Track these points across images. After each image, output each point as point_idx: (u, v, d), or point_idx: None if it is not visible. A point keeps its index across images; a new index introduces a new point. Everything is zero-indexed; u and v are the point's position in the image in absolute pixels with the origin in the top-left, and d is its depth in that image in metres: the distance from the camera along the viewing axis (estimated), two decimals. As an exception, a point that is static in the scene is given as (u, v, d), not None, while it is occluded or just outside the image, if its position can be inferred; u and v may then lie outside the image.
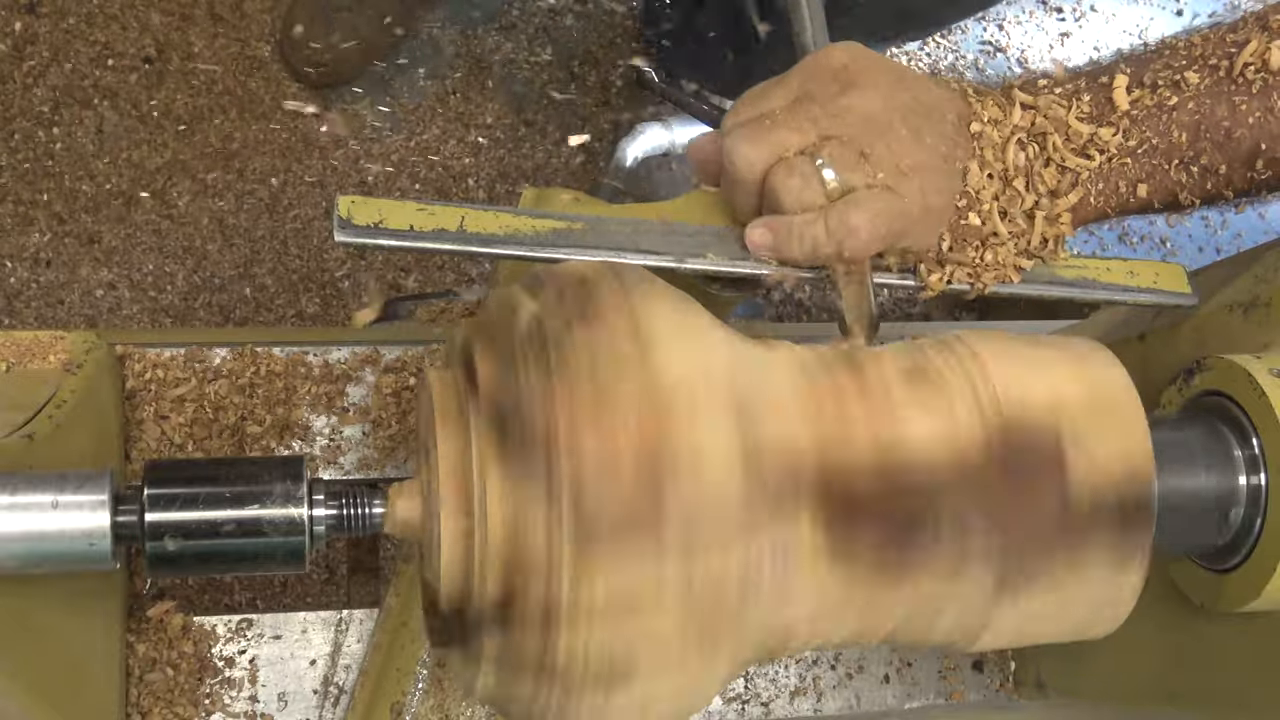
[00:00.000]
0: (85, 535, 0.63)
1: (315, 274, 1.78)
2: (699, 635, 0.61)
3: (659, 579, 0.59)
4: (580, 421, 0.60)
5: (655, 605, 0.60)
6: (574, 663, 0.60)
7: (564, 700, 0.61)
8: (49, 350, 0.83)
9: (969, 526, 0.66)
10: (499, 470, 0.61)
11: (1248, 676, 0.79)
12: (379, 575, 1.02)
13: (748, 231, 0.78)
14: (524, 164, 1.89)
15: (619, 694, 0.61)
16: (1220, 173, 0.81)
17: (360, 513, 0.67)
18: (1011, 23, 2.12)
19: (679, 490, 0.60)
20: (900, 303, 1.90)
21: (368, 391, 0.95)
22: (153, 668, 0.88)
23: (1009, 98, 0.80)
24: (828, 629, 0.68)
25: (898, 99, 0.77)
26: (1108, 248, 2.04)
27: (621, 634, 0.60)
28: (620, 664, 0.60)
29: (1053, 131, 0.79)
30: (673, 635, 0.61)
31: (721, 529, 0.61)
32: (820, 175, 0.75)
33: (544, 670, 0.61)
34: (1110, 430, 0.68)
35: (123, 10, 1.82)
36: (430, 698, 0.91)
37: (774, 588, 0.64)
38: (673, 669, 0.61)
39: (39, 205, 1.73)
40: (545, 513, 0.59)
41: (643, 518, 0.59)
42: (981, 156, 0.78)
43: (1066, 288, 0.82)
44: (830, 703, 1.00)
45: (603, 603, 0.59)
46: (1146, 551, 0.69)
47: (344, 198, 0.75)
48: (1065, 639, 0.72)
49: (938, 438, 0.66)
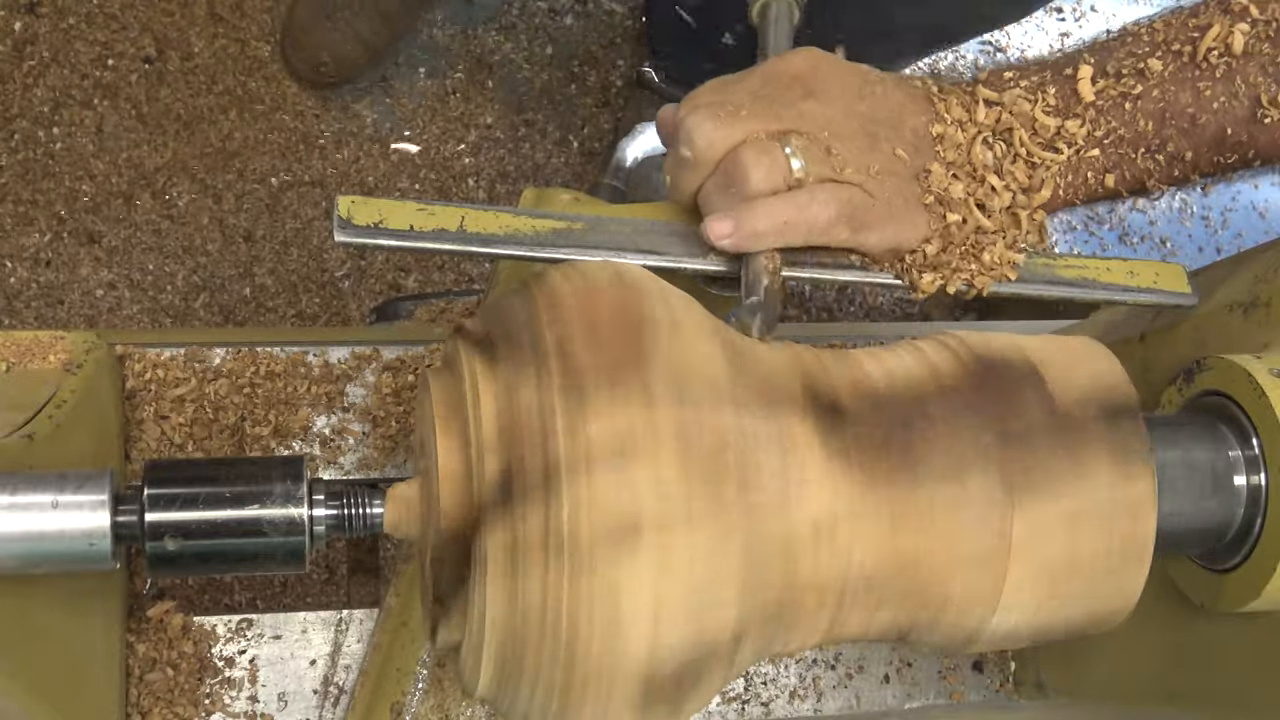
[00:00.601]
0: (85, 535, 0.63)
1: (315, 274, 1.78)
2: (704, 487, 0.60)
3: (652, 423, 0.60)
4: (561, 300, 0.63)
5: (652, 450, 0.59)
6: (579, 522, 0.59)
7: (575, 576, 0.59)
8: (49, 350, 0.83)
9: (960, 426, 0.67)
10: (488, 375, 0.63)
11: (1248, 676, 0.79)
12: (379, 575, 1.02)
13: (707, 223, 0.76)
14: (524, 164, 1.89)
15: (629, 556, 0.59)
16: (1187, 159, 0.81)
17: (360, 513, 0.67)
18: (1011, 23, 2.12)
19: (660, 345, 0.62)
20: (900, 303, 1.90)
21: (368, 391, 0.95)
22: (153, 668, 0.88)
23: (973, 95, 0.80)
24: (848, 546, 0.65)
25: (856, 109, 0.78)
26: (1108, 248, 2.04)
27: (623, 482, 0.59)
28: (626, 514, 0.59)
29: (1019, 127, 0.79)
30: (675, 481, 0.60)
31: (709, 389, 0.62)
32: (789, 161, 0.75)
33: (550, 543, 0.59)
34: (1082, 362, 0.71)
35: (123, 10, 1.82)
36: (430, 698, 0.91)
37: (775, 479, 0.63)
38: (680, 524, 0.59)
39: (39, 205, 1.73)
40: (535, 382, 0.61)
41: (629, 367, 0.61)
42: (944, 158, 0.78)
43: (1066, 288, 0.82)
44: (830, 703, 1.00)
45: (599, 448, 0.59)
46: (1148, 461, 0.69)
47: (344, 198, 0.75)
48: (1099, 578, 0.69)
49: (913, 365, 0.69)
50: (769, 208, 0.75)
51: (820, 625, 0.67)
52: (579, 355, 0.61)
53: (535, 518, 0.60)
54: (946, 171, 0.78)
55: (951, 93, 0.80)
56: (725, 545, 0.61)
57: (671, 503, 0.60)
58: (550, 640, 0.60)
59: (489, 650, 0.63)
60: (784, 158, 0.75)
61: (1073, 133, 0.79)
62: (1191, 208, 2.08)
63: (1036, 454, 0.67)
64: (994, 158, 0.79)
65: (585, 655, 0.60)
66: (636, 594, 0.59)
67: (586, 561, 0.59)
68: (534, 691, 0.63)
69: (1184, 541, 0.76)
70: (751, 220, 0.75)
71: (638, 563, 0.59)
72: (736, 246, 0.76)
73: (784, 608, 0.65)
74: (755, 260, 0.76)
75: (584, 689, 0.61)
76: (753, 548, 0.62)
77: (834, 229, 0.76)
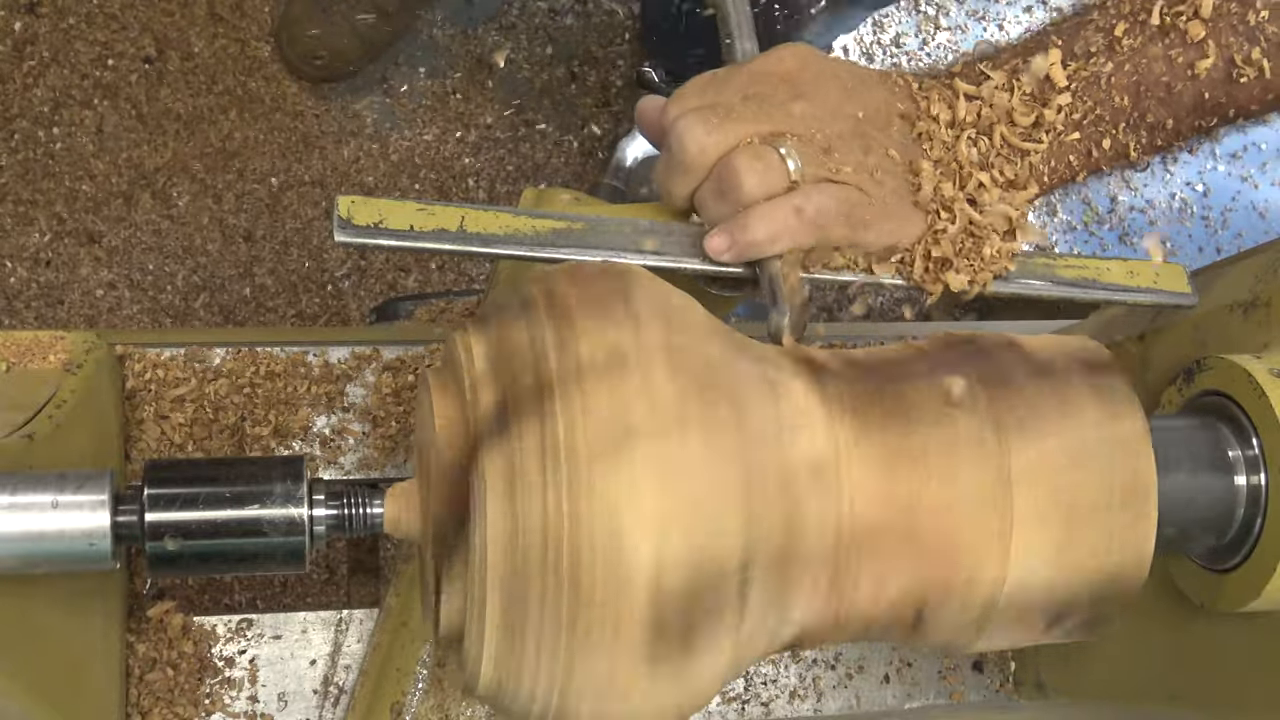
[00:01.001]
0: (85, 535, 0.63)
1: (315, 274, 1.79)
2: (698, 400, 0.61)
3: (641, 340, 0.61)
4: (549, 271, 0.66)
5: (643, 362, 0.60)
6: (575, 434, 0.59)
7: (574, 492, 0.59)
8: (49, 350, 0.83)
9: (941, 375, 0.68)
10: (480, 334, 0.65)
11: (1248, 676, 0.79)
12: (379, 575, 1.02)
13: (706, 241, 0.76)
14: (524, 164, 1.89)
15: (627, 466, 0.59)
16: (1168, 127, 0.81)
17: (360, 513, 0.67)
18: (1011, 22, 2.12)
19: (643, 286, 0.65)
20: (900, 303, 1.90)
21: (368, 391, 0.95)
22: (153, 668, 0.88)
23: (952, 89, 0.80)
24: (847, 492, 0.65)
25: (845, 109, 0.77)
26: (1108, 248, 2.04)
27: (615, 390, 0.60)
28: (620, 423, 0.59)
29: (999, 121, 0.79)
30: (667, 389, 0.60)
31: (699, 325, 0.64)
32: (785, 163, 0.75)
33: (548, 463, 0.59)
34: (1060, 340, 0.73)
35: (123, 10, 1.82)
36: (430, 698, 0.91)
37: (768, 417, 0.63)
38: (675, 430, 0.60)
39: (39, 205, 1.73)
40: (525, 323, 0.63)
41: (615, 298, 0.63)
42: (931, 155, 0.78)
43: (1066, 288, 0.82)
44: (830, 703, 1.00)
45: (589, 362, 0.60)
46: (1134, 403, 0.69)
47: (344, 198, 0.75)
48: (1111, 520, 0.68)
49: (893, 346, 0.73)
50: (764, 214, 0.75)
51: (824, 581, 0.65)
52: (566, 293, 0.63)
53: (531, 436, 0.60)
54: (935, 169, 0.78)
55: (932, 88, 0.80)
56: (722, 464, 0.61)
57: (665, 410, 0.60)
58: (553, 558, 0.59)
59: (493, 594, 0.61)
60: (779, 160, 0.74)
61: (1051, 120, 0.79)
62: (1191, 208, 2.08)
63: (1022, 394, 0.68)
64: (978, 153, 0.79)
65: (590, 568, 0.59)
66: (636, 504, 0.59)
67: (584, 475, 0.59)
68: (541, 632, 0.60)
69: (1184, 541, 0.76)
70: (748, 230, 0.75)
71: (635, 472, 0.59)
72: (738, 258, 0.76)
73: (789, 557, 0.64)
74: (770, 265, 0.76)
75: (590, 608, 0.59)
76: (751, 478, 0.62)
77: (832, 229, 0.76)
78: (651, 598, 0.59)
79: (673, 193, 0.78)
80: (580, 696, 0.61)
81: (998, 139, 0.79)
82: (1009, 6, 2.13)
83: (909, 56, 2.04)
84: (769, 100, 0.76)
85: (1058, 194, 2.06)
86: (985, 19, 2.12)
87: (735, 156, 0.75)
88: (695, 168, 0.76)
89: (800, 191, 0.75)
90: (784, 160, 0.75)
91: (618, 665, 0.60)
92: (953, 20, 2.09)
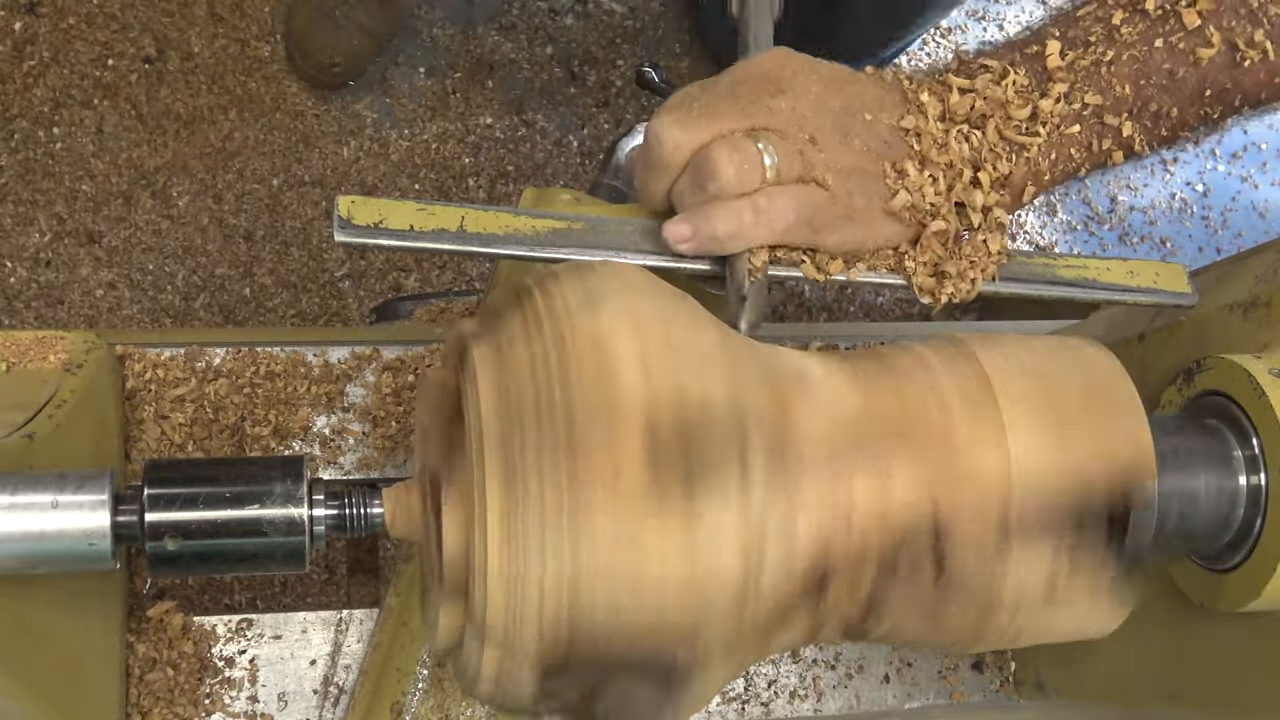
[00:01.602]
0: (85, 535, 0.64)
1: (315, 274, 1.79)
2: (670, 292, 0.65)
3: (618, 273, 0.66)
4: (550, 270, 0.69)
5: (615, 272, 0.66)
6: (553, 301, 0.63)
7: (558, 340, 0.61)
8: (49, 350, 0.83)
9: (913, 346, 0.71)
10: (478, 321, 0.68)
11: (1248, 676, 0.79)
12: (379, 575, 1.02)
13: (666, 226, 0.76)
14: (524, 164, 1.89)
15: (607, 316, 0.62)
16: (1172, 116, 0.80)
17: (360, 513, 0.67)
18: (1011, 23, 2.12)
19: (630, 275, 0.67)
20: (900, 302, 1.90)
21: (368, 391, 0.95)
22: (153, 668, 0.88)
23: (946, 84, 0.79)
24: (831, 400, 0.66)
25: (827, 104, 0.77)
26: (1108, 248, 2.04)
27: (585, 275, 0.65)
28: (592, 290, 0.63)
29: (993, 114, 0.78)
30: (636, 276, 0.66)
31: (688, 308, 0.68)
32: (761, 158, 0.75)
33: (531, 331, 0.63)
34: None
35: (123, 10, 1.82)
36: (430, 698, 0.91)
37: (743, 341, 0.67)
38: (644, 296, 0.64)
39: (39, 205, 1.73)
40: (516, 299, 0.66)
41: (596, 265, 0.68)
42: (921, 154, 0.77)
43: (1066, 288, 0.82)
44: (830, 703, 1.00)
45: (564, 270, 0.66)
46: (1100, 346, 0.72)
47: (344, 198, 0.75)
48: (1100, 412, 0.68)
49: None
50: (727, 210, 0.75)
51: (828, 473, 0.64)
52: (556, 271, 0.67)
53: (514, 319, 0.64)
54: (923, 170, 0.77)
55: (924, 84, 0.79)
56: (699, 329, 0.64)
57: (635, 285, 0.65)
58: (545, 399, 0.60)
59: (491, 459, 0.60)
60: (756, 153, 0.74)
61: (1048, 111, 0.78)
62: (1191, 208, 2.08)
63: (983, 334, 0.71)
64: (970, 148, 0.78)
65: (583, 403, 0.59)
66: (619, 343, 0.61)
67: (566, 324, 0.62)
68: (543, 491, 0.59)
69: (1184, 541, 0.76)
70: (710, 224, 0.75)
71: (615, 322, 0.62)
72: (697, 250, 0.76)
73: (784, 438, 0.63)
74: (738, 260, 0.76)
75: (589, 452, 0.59)
76: (734, 354, 0.65)
77: (794, 231, 0.76)
78: (646, 426, 0.59)
79: (647, 189, 0.78)
80: (592, 553, 0.59)
81: (992, 133, 0.78)
82: (1009, 6, 2.13)
83: (908, 56, 2.04)
84: (748, 98, 0.76)
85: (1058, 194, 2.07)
86: (985, 19, 2.12)
87: (714, 148, 0.75)
88: (669, 164, 0.76)
89: (763, 192, 0.75)
90: (761, 153, 0.75)
91: (621, 507, 0.59)
92: (952, 20, 2.09)
